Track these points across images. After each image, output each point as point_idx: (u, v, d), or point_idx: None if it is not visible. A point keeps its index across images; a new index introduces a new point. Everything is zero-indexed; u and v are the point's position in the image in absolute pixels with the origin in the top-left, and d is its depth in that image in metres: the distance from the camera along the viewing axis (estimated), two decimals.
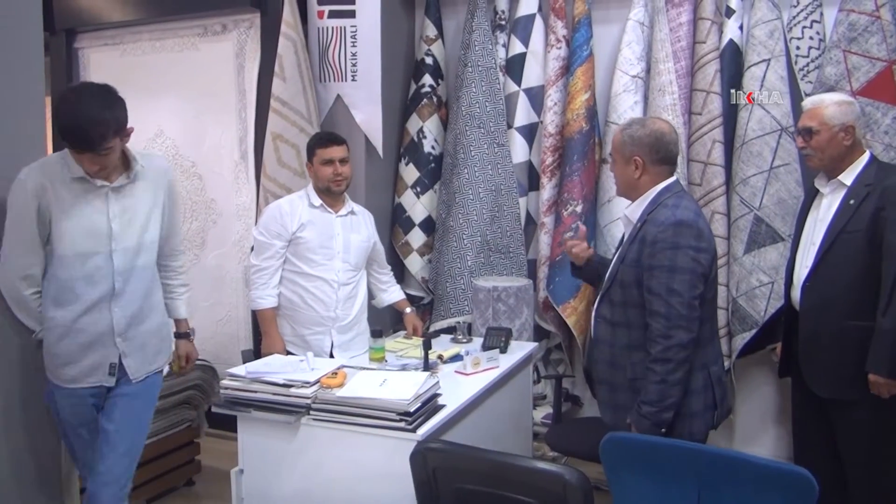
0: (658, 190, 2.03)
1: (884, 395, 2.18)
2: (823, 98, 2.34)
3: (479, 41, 3.52)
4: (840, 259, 2.19)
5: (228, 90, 3.75)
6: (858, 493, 2.29)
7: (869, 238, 2.17)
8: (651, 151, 2.03)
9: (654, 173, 2.04)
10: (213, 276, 3.87)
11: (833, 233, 2.23)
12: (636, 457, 1.58)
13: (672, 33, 3.20)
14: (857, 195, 2.21)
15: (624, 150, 2.07)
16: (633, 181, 2.06)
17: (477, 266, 3.48)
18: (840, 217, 2.23)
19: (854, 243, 2.19)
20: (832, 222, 2.25)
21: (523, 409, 2.92)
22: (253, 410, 2.07)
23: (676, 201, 1.99)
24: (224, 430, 3.44)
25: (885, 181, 2.19)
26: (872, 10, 2.85)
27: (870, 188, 2.20)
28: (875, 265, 2.15)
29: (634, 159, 2.04)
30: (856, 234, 2.19)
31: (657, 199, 2.02)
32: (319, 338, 2.68)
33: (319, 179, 2.68)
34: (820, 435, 2.36)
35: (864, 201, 2.19)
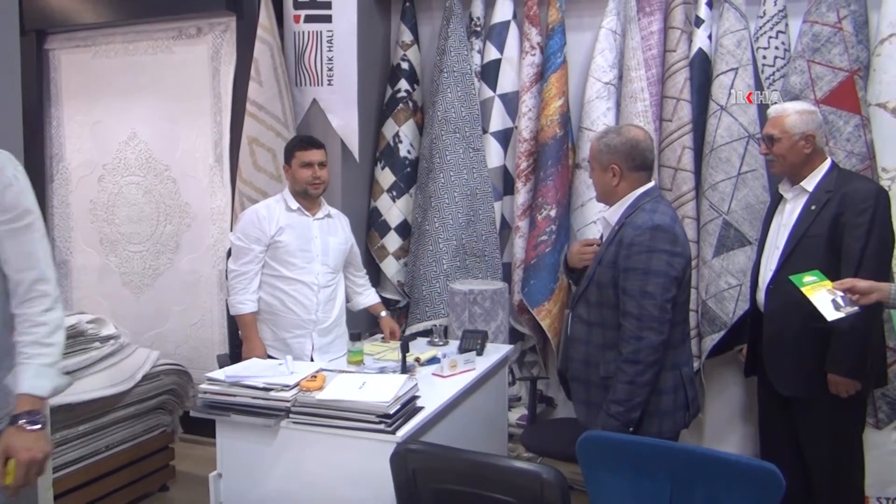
0: (637, 194, 2.09)
1: (842, 394, 2.26)
2: (786, 107, 2.42)
3: (455, 47, 3.55)
4: (802, 263, 2.25)
5: (203, 93, 3.74)
6: (822, 487, 2.38)
7: (829, 242, 2.25)
8: (627, 159, 2.08)
9: (632, 179, 2.10)
10: (187, 279, 3.86)
11: (795, 237, 2.31)
12: (611, 455, 1.62)
13: (643, 42, 3.27)
14: (819, 201, 2.30)
15: (601, 159, 2.12)
16: (611, 188, 2.11)
17: (452, 269, 3.52)
18: (802, 222, 2.32)
19: (815, 247, 2.27)
20: (794, 227, 2.34)
21: (499, 410, 2.95)
22: (232, 414, 2.07)
23: (654, 206, 2.04)
24: (199, 434, 3.45)
25: (844, 187, 2.28)
26: (835, 22, 2.95)
27: (830, 194, 2.28)
28: (835, 268, 2.22)
29: (612, 167, 2.09)
30: (817, 239, 2.27)
31: (636, 203, 2.07)
32: (300, 341, 2.70)
33: (297, 182, 2.69)
34: (785, 432, 2.45)
35: (825, 207, 2.27)
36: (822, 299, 1.99)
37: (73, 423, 2.77)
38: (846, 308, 1.96)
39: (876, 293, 1.99)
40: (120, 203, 3.98)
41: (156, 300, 3.92)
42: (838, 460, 2.35)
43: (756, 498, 1.46)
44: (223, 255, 3.72)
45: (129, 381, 2.94)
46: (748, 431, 3.36)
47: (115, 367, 2.96)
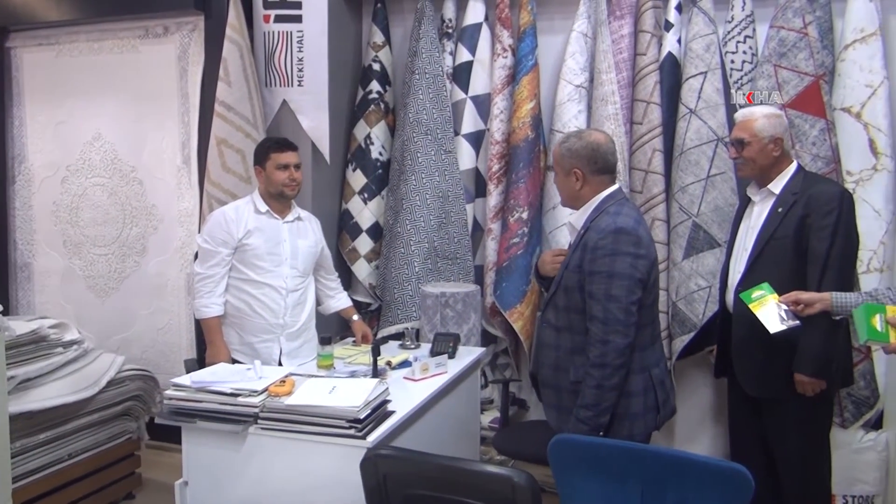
0: (601, 198, 2.09)
1: (808, 394, 2.28)
2: (754, 111, 2.43)
3: (427, 49, 3.54)
4: (769, 264, 2.28)
5: (170, 94, 3.68)
6: (790, 487, 2.40)
7: (795, 244, 2.28)
8: (589, 163, 2.09)
9: (595, 183, 2.10)
10: (154, 283, 3.79)
11: (763, 239, 2.33)
12: (583, 458, 1.62)
13: (614, 45, 3.29)
14: (785, 203, 2.32)
15: (563, 163, 2.12)
16: (574, 192, 2.12)
17: (424, 272, 3.50)
18: (769, 224, 2.34)
19: (782, 249, 2.29)
20: (762, 229, 2.36)
21: (471, 413, 2.94)
22: (198, 421, 2.03)
23: (618, 209, 2.05)
24: (166, 441, 3.38)
25: (810, 190, 2.31)
26: (801, 28, 2.99)
27: (796, 196, 2.31)
28: (801, 270, 2.26)
29: (574, 171, 2.10)
30: (783, 241, 2.29)
31: (600, 207, 2.08)
32: (268, 345, 2.66)
33: (272, 184, 2.65)
34: (754, 433, 2.47)
35: (791, 209, 2.30)
36: (768, 313, 2.09)
37: (34, 432, 2.70)
38: (789, 322, 2.06)
39: (819, 303, 2.06)
40: (84, 205, 3.89)
41: (121, 304, 3.84)
42: (807, 460, 2.37)
43: (726, 499, 1.47)
44: (191, 258, 3.65)
45: (92, 388, 2.87)
46: (719, 432, 3.40)
47: (79, 373, 2.88)
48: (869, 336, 1.83)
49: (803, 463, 2.39)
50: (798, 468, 2.39)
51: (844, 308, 2.07)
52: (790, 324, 2.06)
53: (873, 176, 2.94)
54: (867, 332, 1.83)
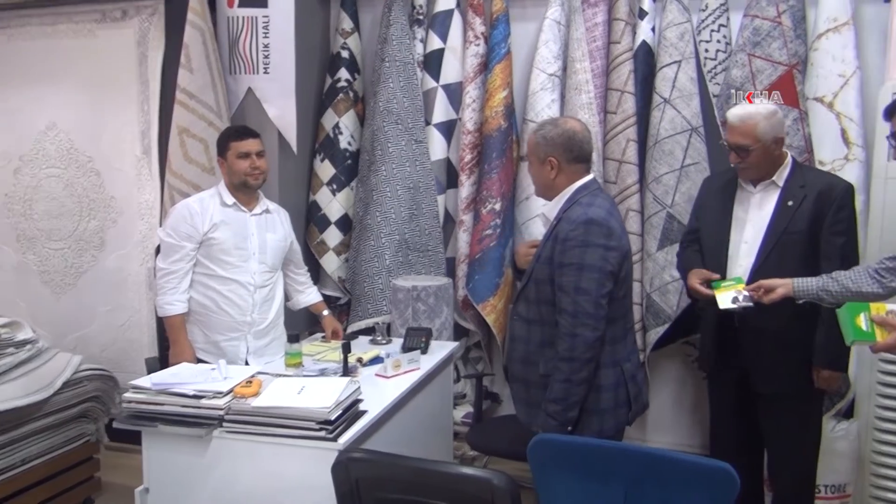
0: (575, 188, 2.04)
1: (831, 388, 2.29)
2: (752, 113, 2.26)
3: (397, 36, 3.45)
4: (783, 260, 2.21)
5: (129, 81, 3.52)
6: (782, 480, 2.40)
7: (809, 238, 2.22)
8: (565, 151, 2.03)
9: (570, 172, 2.05)
10: (113, 278, 3.63)
11: (775, 234, 2.25)
12: (564, 457, 1.56)
13: (588, 33, 3.23)
14: (794, 196, 2.25)
15: (538, 152, 2.07)
16: (549, 181, 2.06)
17: (395, 265, 3.42)
18: (780, 218, 2.26)
19: (795, 244, 2.23)
20: (773, 223, 2.27)
21: (444, 409, 2.88)
22: (160, 425, 1.93)
23: (591, 199, 2.00)
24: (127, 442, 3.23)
25: (818, 185, 2.25)
26: (775, 17, 2.97)
27: (805, 189, 2.24)
28: (814, 265, 2.19)
29: (549, 159, 2.04)
30: (797, 235, 2.23)
31: (573, 197, 2.03)
32: (234, 344, 2.55)
33: (235, 174, 2.54)
34: (738, 431, 2.44)
35: (803, 203, 2.23)
36: (726, 296, 2.18)
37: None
38: (742, 303, 2.15)
39: (782, 288, 2.06)
40: (38, 197, 3.71)
41: (79, 300, 3.68)
42: (801, 455, 2.36)
43: (711, 498, 1.43)
44: (153, 251, 3.52)
45: (47, 389, 2.73)
46: (691, 423, 3.39)
47: (33, 375, 2.75)
48: (855, 337, 1.79)
49: (799, 458, 2.37)
50: (793, 464, 2.37)
51: (806, 292, 2.06)
52: (743, 304, 2.14)
53: (845, 166, 2.93)
54: (853, 332, 1.79)
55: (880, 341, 1.77)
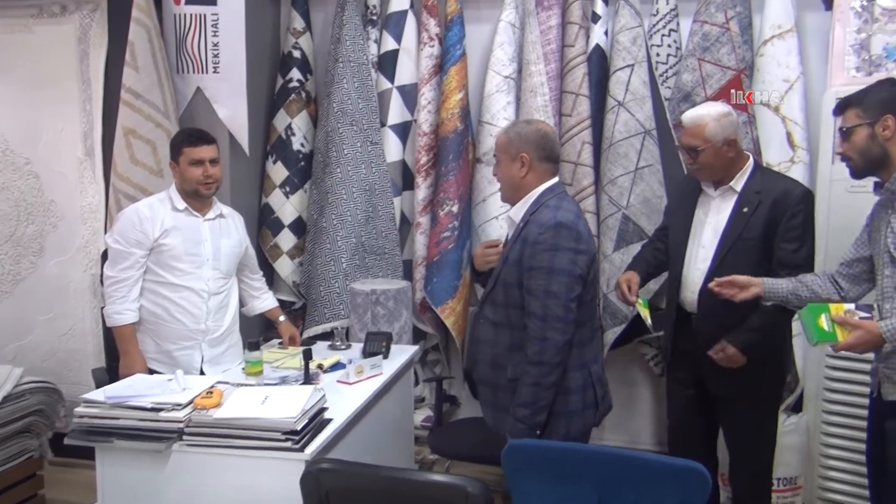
0: (541, 191, 2.04)
1: (724, 364, 2.27)
2: (702, 115, 2.30)
3: (351, 36, 3.40)
4: (738, 265, 2.23)
5: (70, 79, 3.37)
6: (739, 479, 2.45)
7: (762, 245, 2.26)
8: (537, 148, 2.04)
9: (540, 171, 2.05)
10: (54, 285, 3.47)
11: (729, 240, 2.28)
12: (538, 462, 1.56)
13: (542, 36, 3.25)
14: (749, 203, 2.28)
15: (510, 148, 2.06)
16: (518, 180, 2.05)
17: (352, 268, 3.37)
18: (734, 224, 2.29)
19: (748, 250, 2.26)
20: (727, 229, 2.30)
21: (405, 414, 2.86)
22: (116, 440, 1.85)
23: (558, 202, 2.01)
24: (73, 456, 3.11)
25: (774, 191, 2.27)
26: (723, 23, 3.05)
27: (760, 196, 2.27)
28: (769, 272, 2.21)
29: (521, 156, 2.03)
30: (750, 242, 2.26)
31: (540, 200, 2.02)
32: (188, 353, 2.46)
33: (186, 181, 2.45)
34: (697, 432, 2.48)
35: (757, 209, 2.26)
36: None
37: None
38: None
39: (755, 287, 2.07)
40: None
41: (17, 309, 3.51)
42: (758, 453, 2.40)
43: (683, 498, 1.45)
44: (97, 257, 3.39)
45: None
46: (649, 423, 3.45)
47: None
48: (818, 338, 1.84)
49: (757, 458, 2.41)
50: (752, 462, 2.42)
51: (776, 294, 2.10)
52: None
53: (791, 168, 3.02)
54: (816, 334, 1.84)
55: (842, 341, 1.82)
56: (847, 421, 2.72)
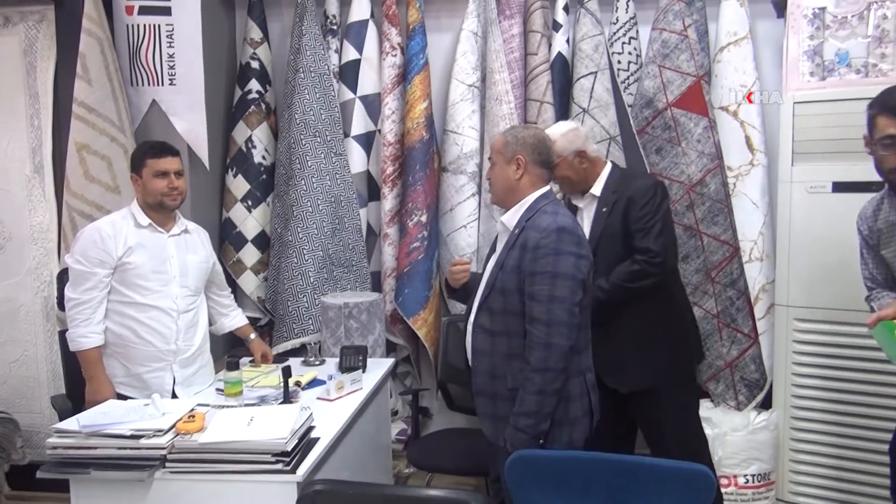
0: (535, 197, 2.04)
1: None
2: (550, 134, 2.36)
3: (310, 46, 3.34)
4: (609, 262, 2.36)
5: (15, 93, 3.21)
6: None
7: (623, 238, 2.38)
8: (534, 151, 2.04)
9: (534, 176, 2.04)
10: (3, 309, 3.29)
11: (593, 240, 2.38)
12: (543, 473, 1.54)
13: (505, 44, 3.27)
14: (607, 202, 2.42)
15: (506, 151, 2.05)
16: (512, 183, 2.04)
17: (319, 282, 3.30)
18: (596, 225, 2.43)
19: (614, 246, 2.38)
20: (591, 230, 2.43)
21: (382, 428, 2.81)
22: (93, 470, 1.75)
23: (555, 208, 2.00)
24: (30, 489, 2.96)
25: (629, 190, 2.40)
26: (681, 30, 3.12)
27: (616, 195, 2.41)
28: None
29: (517, 158, 2.03)
30: (613, 238, 2.38)
31: (535, 206, 2.02)
32: (159, 375, 2.36)
33: (150, 194, 2.36)
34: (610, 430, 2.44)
35: (614, 207, 2.40)
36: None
37: None
38: None
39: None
40: None
41: None
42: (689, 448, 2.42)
43: (689, 501, 1.45)
44: (49, 279, 3.23)
45: None
46: None
47: None
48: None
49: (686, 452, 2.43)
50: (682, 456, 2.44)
51: None
52: None
53: (750, 171, 3.11)
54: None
55: None
56: (816, 415, 2.81)
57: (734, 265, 3.05)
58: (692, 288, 3.09)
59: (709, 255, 3.08)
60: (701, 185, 3.07)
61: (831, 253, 2.72)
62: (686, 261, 3.10)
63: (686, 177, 3.09)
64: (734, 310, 3.04)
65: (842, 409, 2.76)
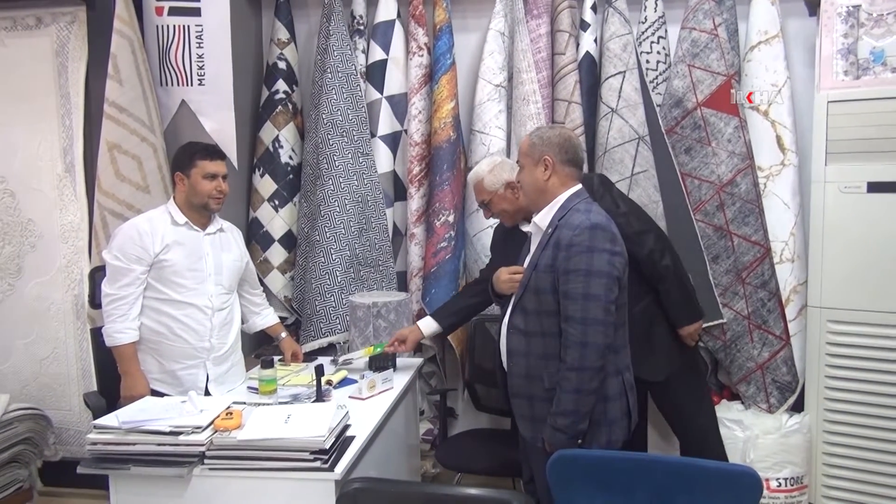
0: (567, 196, 2.02)
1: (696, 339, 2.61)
2: (477, 172, 2.58)
3: (337, 46, 3.35)
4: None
5: (47, 93, 3.25)
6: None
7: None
8: (561, 151, 2.03)
9: (563, 175, 2.03)
10: (33, 308, 3.33)
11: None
12: (586, 473, 1.53)
13: (533, 44, 3.26)
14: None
15: (533, 152, 2.04)
16: (541, 183, 2.03)
17: (347, 282, 3.31)
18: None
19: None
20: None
21: (412, 428, 2.81)
22: (132, 466, 1.76)
23: (588, 206, 1.99)
24: (61, 486, 2.99)
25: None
26: (711, 29, 3.09)
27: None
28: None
29: (545, 159, 2.02)
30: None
31: (567, 205, 2.00)
32: (193, 372, 2.37)
33: (197, 194, 2.38)
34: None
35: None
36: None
37: None
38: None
39: None
40: None
41: None
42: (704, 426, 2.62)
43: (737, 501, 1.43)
44: (79, 277, 3.26)
45: None
46: None
47: None
48: None
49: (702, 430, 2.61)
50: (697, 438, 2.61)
51: None
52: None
53: (782, 171, 3.08)
54: None
55: None
56: (850, 419, 2.77)
57: (765, 266, 3.02)
58: (722, 289, 3.07)
59: (739, 255, 3.05)
60: (731, 186, 3.05)
61: (866, 254, 2.69)
62: (716, 262, 3.08)
63: (716, 177, 3.07)
64: (765, 311, 3.01)
65: (877, 413, 2.72)
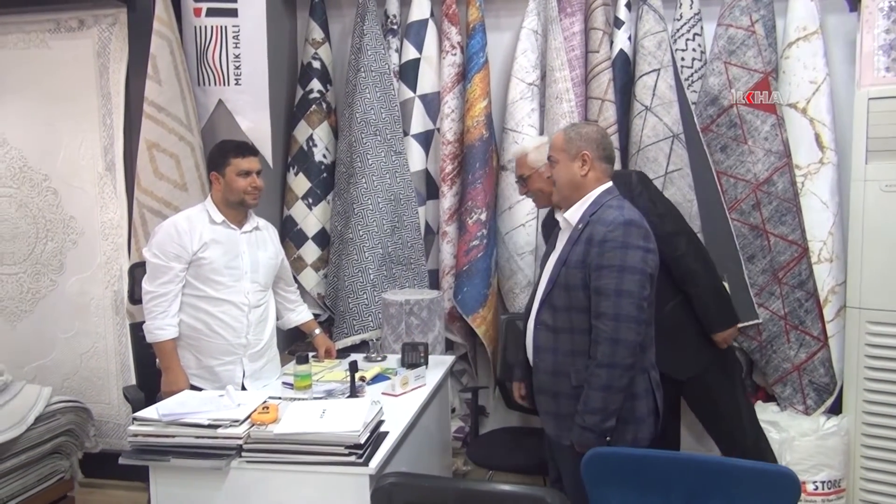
0: (599, 192, 2.02)
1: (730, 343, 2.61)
2: (523, 147, 2.62)
3: (371, 45, 3.38)
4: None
5: (89, 93, 3.33)
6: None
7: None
8: (598, 147, 2.03)
9: (599, 171, 2.03)
10: (75, 303, 3.42)
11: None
12: (621, 472, 1.53)
13: (566, 42, 3.25)
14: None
15: (570, 148, 2.04)
16: (578, 179, 2.03)
17: (379, 279, 3.33)
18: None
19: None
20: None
21: (443, 425, 2.82)
22: (172, 458, 1.80)
23: (620, 203, 1.99)
24: (101, 477, 3.06)
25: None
26: (748, 26, 3.05)
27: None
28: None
29: (583, 154, 2.02)
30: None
31: (599, 201, 2.00)
32: (230, 368, 2.41)
33: (233, 192, 2.42)
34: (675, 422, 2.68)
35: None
36: None
37: None
38: None
39: None
40: None
41: (37, 328, 3.45)
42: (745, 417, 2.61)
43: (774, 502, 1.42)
44: (119, 273, 3.34)
45: (20, 426, 2.54)
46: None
47: (2, 410, 2.54)
48: None
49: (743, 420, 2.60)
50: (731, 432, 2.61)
51: None
52: None
53: (820, 169, 3.03)
54: None
55: None
56: (890, 422, 2.71)
57: (803, 266, 2.97)
58: (758, 289, 3.03)
59: (776, 255, 3.00)
60: (768, 184, 3.00)
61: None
62: (752, 261, 3.04)
63: (752, 175, 3.03)
64: (803, 312, 2.97)
65: None
